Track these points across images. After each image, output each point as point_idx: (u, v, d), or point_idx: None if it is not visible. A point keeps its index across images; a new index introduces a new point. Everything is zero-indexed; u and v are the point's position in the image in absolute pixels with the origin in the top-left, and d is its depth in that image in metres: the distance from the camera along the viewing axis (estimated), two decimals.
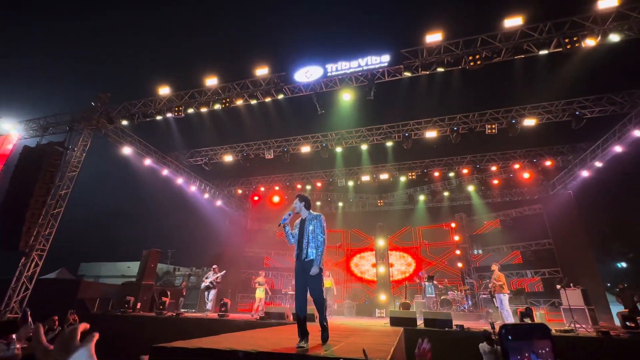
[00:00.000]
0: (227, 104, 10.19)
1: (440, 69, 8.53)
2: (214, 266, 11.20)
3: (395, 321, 7.40)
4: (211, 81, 10.39)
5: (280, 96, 9.98)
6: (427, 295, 10.08)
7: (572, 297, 8.77)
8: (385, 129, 12.68)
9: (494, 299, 9.23)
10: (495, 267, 8.64)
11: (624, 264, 26.89)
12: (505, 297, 7.88)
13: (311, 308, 3.85)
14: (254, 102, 10.30)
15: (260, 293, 10.99)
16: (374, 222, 18.44)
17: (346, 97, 9.96)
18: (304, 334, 3.41)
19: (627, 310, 6.77)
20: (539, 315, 11.86)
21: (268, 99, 10.11)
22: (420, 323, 7.40)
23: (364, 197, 18.81)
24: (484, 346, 5.69)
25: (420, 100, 12.05)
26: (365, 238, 18.58)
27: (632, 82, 10.73)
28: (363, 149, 13.18)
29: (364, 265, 18.10)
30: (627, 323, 6.27)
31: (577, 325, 7.55)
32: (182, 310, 13.77)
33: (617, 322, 10.55)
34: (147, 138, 13.49)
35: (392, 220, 18.24)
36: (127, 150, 12.51)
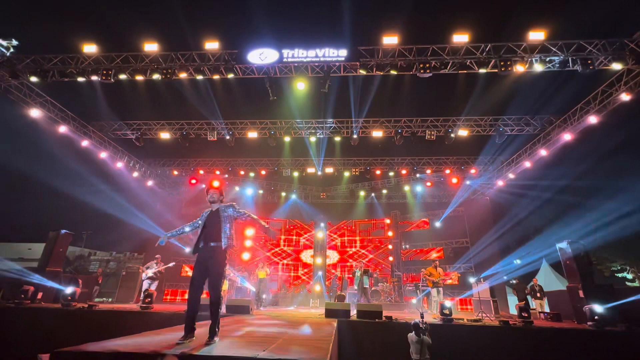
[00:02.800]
0: (169, 76, 9.14)
1: (393, 72, 8.82)
2: (157, 256, 10.40)
3: (330, 313, 7.57)
4: (151, 47, 9.20)
5: (230, 75, 9.31)
6: (364, 287, 10.60)
7: (481, 290, 10.01)
8: (335, 123, 12.78)
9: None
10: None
11: (518, 261, 31.98)
12: (433, 290, 8.83)
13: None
14: (199, 77, 9.44)
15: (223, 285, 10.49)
16: (315, 214, 18.73)
17: (300, 86, 9.73)
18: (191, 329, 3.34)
19: (522, 302, 7.97)
20: (452, 304, 13.36)
21: (216, 77, 9.35)
22: (353, 314, 7.70)
23: (307, 188, 18.90)
24: (412, 336, 6.14)
25: (370, 99, 12.39)
26: (305, 229, 18.75)
27: (544, 108, 12.49)
28: (312, 140, 13.12)
29: (301, 255, 18.29)
30: (523, 314, 7.37)
31: (484, 315, 8.65)
32: (97, 300, 12.29)
33: (512, 311, 12.44)
34: (64, 102, 11.51)
35: (332, 213, 18.73)
36: (35, 113, 10.52)
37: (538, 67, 8.46)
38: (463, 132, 12.23)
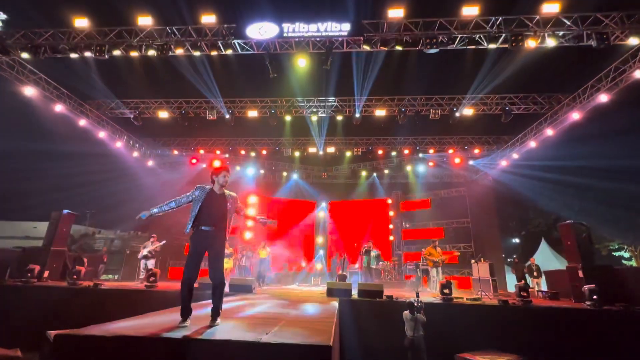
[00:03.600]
0: (164, 52, 8.79)
1: (398, 47, 8.43)
2: (153, 235, 10.78)
3: (331, 292, 7.68)
4: (144, 20, 8.79)
5: (229, 51, 8.94)
6: (371, 267, 10.79)
7: (481, 269, 10.12)
8: (337, 102, 12.47)
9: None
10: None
11: (517, 240, 32.34)
12: (432, 270, 8.98)
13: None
14: (197, 53, 9.08)
15: (227, 263, 10.99)
16: (316, 193, 18.74)
17: (301, 62, 9.37)
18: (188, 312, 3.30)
19: (522, 282, 8.04)
20: (452, 283, 13.60)
21: (214, 53, 8.99)
22: (354, 294, 7.81)
23: (309, 168, 18.80)
24: (406, 314, 6.26)
25: (373, 77, 11.99)
26: (306, 209, 18.81)
27: (553, 86, 12.09)
28: (313, 119, 12.85)
29: (303, 234, 18.46)
30: (522, 293, 7.46)
31: (483, 294, 8.77)
32: (102, 278, 12.54)
33: (510, 289, 12.67)
34: (59, 80, 11.19)
35: (334, 193, 18.73)
36: (29, 91, 10.26)
37: (551, 42, 8.06)
38: (468, 111, 11.93)
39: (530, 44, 7.96)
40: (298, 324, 3.69)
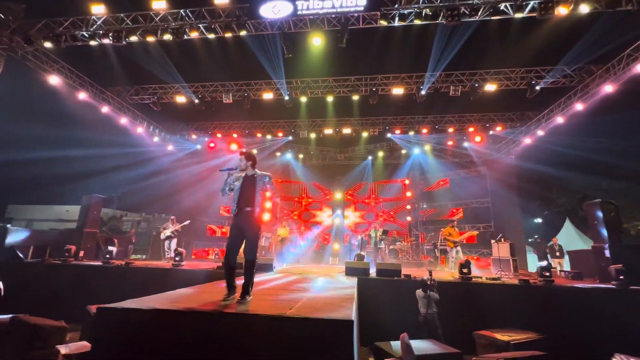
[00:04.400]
0: (179, 36, 8.80)
1: (417, 22, 8.07)
2: (172, 217, 11.25)
3: (350, 271, 7.84)
4: (158, 4, 8.77)
5: (243, 32, 8.84)
6: (379, 247, 10.85)
7: (501, 249, 9.99)
8: (352, 81, 12.21)
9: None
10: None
11: (539, 220, 31.49)
12: (452, 250, 9.06)
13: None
14: (211, 36, 9.03)
15: None
16: (333, 175, 18.77)
17: (316, 41, 9.16)
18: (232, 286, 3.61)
19: (545, 262, 7.92)
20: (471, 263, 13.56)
21: (228, 34, 8.92)
22: (372, 273, 7.94)
23: (325, 150, 18.74)
24: (419, 292, 6.38)
25: (390, 54, 11.59)
26: (323, 191, 18.94)
27: (583, 58, 11.28)
28: (329, 100, 12.67)
29: (321, 216, 18.69)
30: (544, 272, 7.35)
31: (503, 273, 8.72)
32: (132, 257, 13.28)
33: (531, 270, 12.49)
34: (81, 67, 11.47)
35: (350, 174, 18.69)
36: (54, 80, 10.59)
37: (584, 8, 7.47)
38: (491, 87, 11.41)
39: (561, 11, 7.41)
40: (320, 300, 3.82)
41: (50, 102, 11.53)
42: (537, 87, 11.16)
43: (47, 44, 9.29)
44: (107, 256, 9.14)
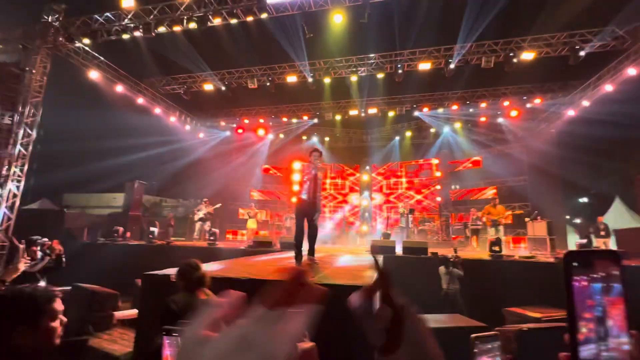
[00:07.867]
0: (204, 24, 9.03)
1: None
2: (205, 199, 11.76)
3: (375, 249, 7.93)
4: None
5: (264, 15, 8.88)
6: (406, 226, 10.80)
7: (537, 228, 9.55)
8: (377, 58, 11.87)
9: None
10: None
11: (585, 199, 29.28)
12: (491, 229, 8.95)
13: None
14: (234, 21, 9.16)
15: (251, 224, 12.30)
16: (360, 156, 18.64)
17: (337, 18, 8.98)
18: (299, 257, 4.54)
19: (585, 240, 7.49)
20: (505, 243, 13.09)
21: (250, 18, 9.00)
22: (398, 251, 7.97)
23: (351, 132, 18.58)
24: (442, 269, 6.38)
25: (416, 27, 11.06)
26: (350, 172, 18.92)
27: (637, 16, 10.04)
28: (353, 80, 12.47)
29: (348, 198, 18.78)
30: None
31: (538, 252, 8.37)
32: (172, 238, 14.29)
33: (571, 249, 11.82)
34: (117, 61, 12.16)
35: (377, 155, 18.44)
36: (94, 75, 11.36)
37: None
38: (528, 55, 10.58)
39: None
40: (346, 270, 3.97)
41: (93, 96, 12.41)
42: (582, 53, 10.20)
43: (86, 40, 9.93)
44: (150, 236, 9.95)
